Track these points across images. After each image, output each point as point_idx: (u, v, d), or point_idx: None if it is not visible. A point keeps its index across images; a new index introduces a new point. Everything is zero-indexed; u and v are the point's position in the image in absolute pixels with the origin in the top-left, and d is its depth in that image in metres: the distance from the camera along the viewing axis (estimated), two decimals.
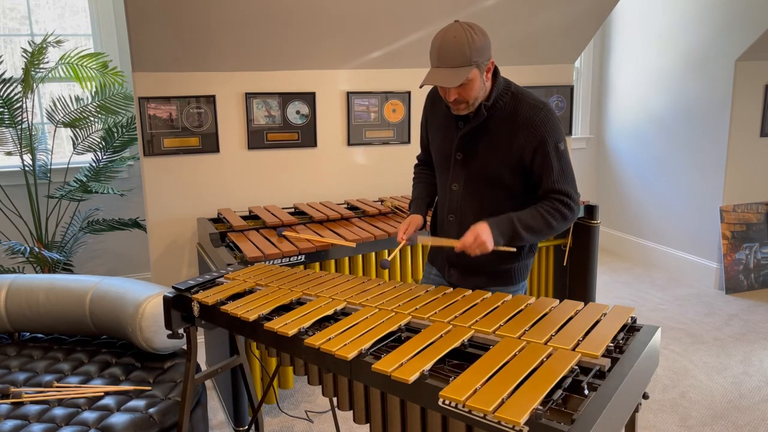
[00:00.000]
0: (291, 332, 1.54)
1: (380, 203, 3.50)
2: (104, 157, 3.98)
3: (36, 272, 3.94)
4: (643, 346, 1.40)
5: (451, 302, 1.67)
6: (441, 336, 1.45)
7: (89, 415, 2.05)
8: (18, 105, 3.68)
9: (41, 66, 3.68)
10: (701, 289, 4.41)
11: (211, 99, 3.36)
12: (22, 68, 3.63)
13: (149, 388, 2.24)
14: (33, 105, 3.86)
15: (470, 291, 1.75)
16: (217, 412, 2.89)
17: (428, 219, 2.11)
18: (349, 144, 3.72)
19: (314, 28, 3.28)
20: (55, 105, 3.83)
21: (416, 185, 2.16)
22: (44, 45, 3.63)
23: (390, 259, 2.17)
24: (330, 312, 1.67)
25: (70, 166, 4.09)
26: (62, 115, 3.85)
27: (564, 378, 1.23)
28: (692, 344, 3.56)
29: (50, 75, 3.87)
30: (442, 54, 1.69)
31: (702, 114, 4.39)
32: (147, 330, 2.35)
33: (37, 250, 3.61)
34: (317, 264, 2.78)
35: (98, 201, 4.25)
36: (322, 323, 1.63)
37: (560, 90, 4.20)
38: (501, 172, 1.83)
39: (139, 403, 2.13)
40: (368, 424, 1.44)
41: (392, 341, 1.50)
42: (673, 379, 3.16)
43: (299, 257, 2.67)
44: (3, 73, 3.63)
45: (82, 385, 2.24)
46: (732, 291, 4.32)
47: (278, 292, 1.84)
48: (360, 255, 2.92)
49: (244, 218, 3.20)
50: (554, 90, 4.18)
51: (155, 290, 2.45)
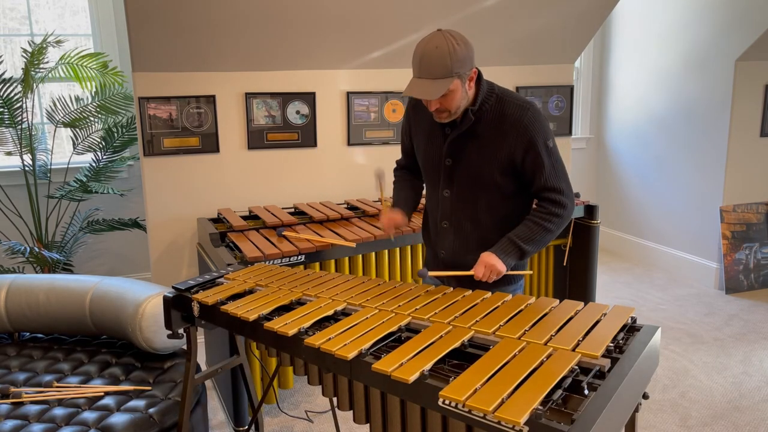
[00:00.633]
0: (291, 332, 1.54)
1: (380, 203, 3.50)
2: (104, 157, 3.98)
3: (36, 272, 3.94)
4: (643, 346, 1.40)
5: (451, 302, 1.67)
6: (441, 336, 1.45)
7: (89, 415, 2.05)
8: (18, 105, 3.68)
9: (41, 66, 3.68)
10: (701, 289, 4.41)
11: (211, 99, 3.36)
12: (22, 68, 3.63)
13: (149, 388, 2.24)
14: (33, 105, 3.86)
15: (470, 291, 1.75)
16: (217, 412, 2.89)
17: (412, 221, 2.11)
18: (349, 144, 3.72)
19: (314, 28, 3.28)
20: (55, 105, 3.83)
21: (398, 192, 2.12)
22: (44, 45, 3.63)
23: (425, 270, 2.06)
24: (330, 312, 1.67)
25: (70, 166, 4.09)
26: (62, 115, 3.85)
27: (564, 378, 1.23)
28: (692, 344, 3.56)
29: (50, 75, 3.87)
30: (424, 65, 1.68)
31: (702, 114, 4.39)
32: (147, 330, 2.35)
33: (37, 250, 3.61)
34: (317, 264, 2.78)
35: (98, 201, 4.25)
36: (322, 323, 1.63)
37: (560, 90, 4.20)
38: (492, 175, 1.83)
39: (139, 403, 2.13)
40: (368, 424, 1.44)
41: (392, 341, 1.50)
42: (673, 379, 3.16)
43: (299, 257, 2.67)
44: (3, 73, 3.63)
45: (82, 385, 2.25)
46: (732, 291, 4.32)
47: (278, 293, 1.84)
48: (360, 255, 2.92)
49: (244, 218, 3.20)
50: (554, 90, 4.18)
51: (155, 290, 2.45)
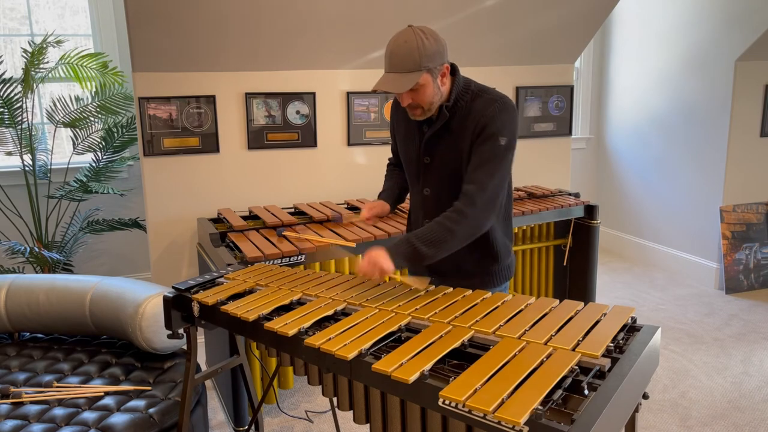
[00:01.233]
0: (291, 332, 1.54)
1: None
2: (104, 157, 3.99)
3: (36, 272, 3.94)
4: (643, 346, 1.39)
5: (451, 302, 1.67)
6: (441, 336, 1.45)
7: (89, 415, 2.05)
8: (18, 105, 3.68)
9: (41, 66, 3.68)
10: (701, 289, 4.41)
11: (211, 99, 3.36)
12: (22, 68, 3.63)
13: (149, 388, 2.24)
14: (33, 105, 3.86)
15: (470, 291, 1.75)
16: (217, 412, 2.89)
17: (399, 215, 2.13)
18: (349, 144, 3.72)
19: (314, 28, 3.28)
20: (55, 105, 3.83)
21: (388, 180, 2.19)
22: (44, 45, 3.63)
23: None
24: (330, 312, 1.67)
25: (70, 166, 4.09)
26: (62, 115, 3.85)
27: (564, 378, 1.23)
28: (692, 344, 3.56)
29: (50, 75, 3.87)
30: (393, 59, 1.69)
31: (702, 114, 4.39)
32: (147, 330, 2.35)
33: (37, 250, 3.61)
34: (317, 264, 2.78)
35: (98, 201, 4.25)
36: (322, 323, 1.63)
37: (560, 90, 4.20)
38: (465, 171, 1.80)
39: (139, 403, 2.13)
40: (368, 424, 1.44)
41: (392, 341, 1.50)
42: (673, 379, 3.16)
43: (299, 257, 2.67)
44: (3, 73, 3.63)
45: (82, 385, 2.25)
46: (732, 291, 4.32)
47: (278, 293, 1.84)
48: (360, 255, 2.92)
49: (244, 218, 3.20)
50: (554, 90, 4.18)
51: (155, 290, 2.45)
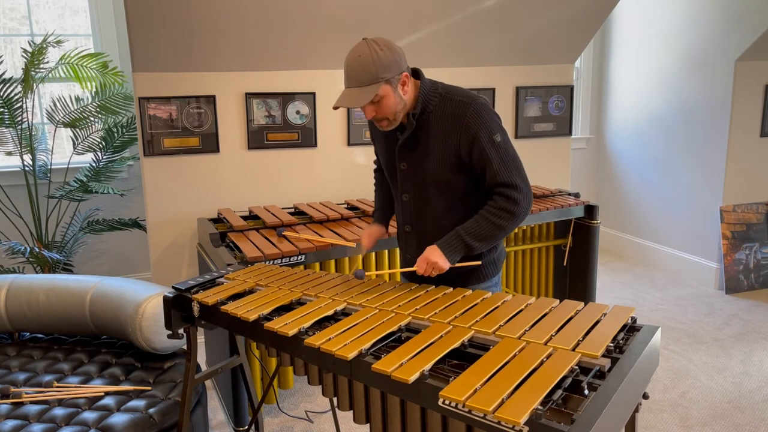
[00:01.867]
0: (291, 332, 1.54)
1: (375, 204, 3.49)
2: (104, 157, 3.99)
3: (36, 272, 3.94)
4: (643, 346, 1.40)
5: (451, 302, 1.67)
6: (441, 336, 1.45)
7: (89, 415, 2.05)
8: (18, 105, 3.68)
9: (41, 66, 3.68)
10: (701, 289, 4.41)
11: (211, 99, 3.36)
12: (22, 68, 3.63)
13: (149, 388, 2.24)
14: (33, 105, 3.86)
15: (470, 291, 1.75)
16: (217, 412, 2.89)
17: (393, 228, 2.13)
18: (349, 144, 3.72)
19: (314, 28, 3.28)
20: (55, 105, 3.83)
21: (378, 194, 2.18)
22: (44, 45, 3.63)
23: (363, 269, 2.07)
24: (330, 312, 1.67)
25: (70, 166, 4.09)
26: (62, 115, 3.85)
27: (564, 378, 1.23)
28: (692, 344, 3.56)
29: (50, 75, 3.87)
30: (349, 74, 1.69)
31: (702, 114, 4.39)
32: (147, 330, 2.35)
33: (37, 250, 3.61)
34: (317, 264, 2.78)
35: (98, 201, 4.25)
36: (322, 323, 1.63)
37: (560, 90, 4.20)
38: (445, 175, 1.81)
39: (139, 403, 2.13)
40: (368, 424, 1.44)
41: (392, 341, 1.50)
42: (673, 379, 3.16)
43: (299, 257, 2.67)
44: (3, 73, 3.63)
45: (82, 385, 2.25)
46: (732, 291, 4.32)
47: (278, 293, 1.84)
48: (360, 255, 2.92)
49: (244, 218, 3.20)
50: (554, 90, 4.18)
51: (155, 290, 2.45)
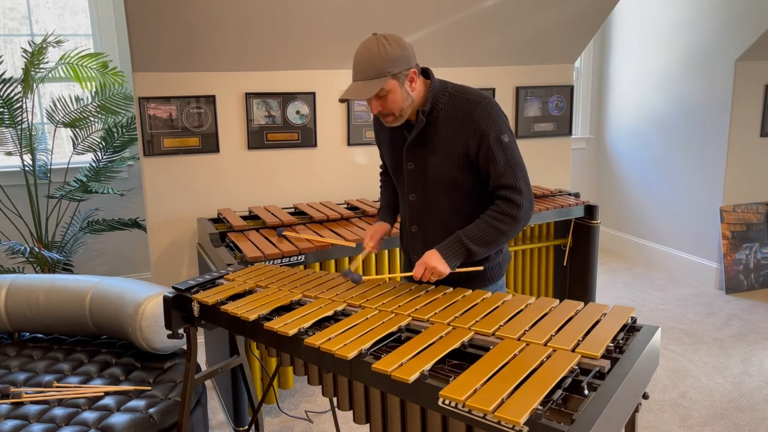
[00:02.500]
0: (291, 332, 1.54)
1: (380, 203, 3.49)
2: (104, 157, 3.99)
3: (36, 272, 3.94)
4: (643, 346, 1.40)
5: (451, 303, 1.67)
6: (441, 337, 1.45)
7: (89, 415, 2.05)
8: (18, 105, 3.68)
9: (41, 66, 3.68)
10: (701, 289, 4.41)
11: (211, 99, 3.36)
12: (22, 68, 3.63)
13: (149, 388, 2.24)
14: (33, 105, 3.86)
15: (470, 291, 1.75)
16: (217, 412, 2.89)
17: (396, 228, 2.11)
18: (349, 144, 3.72)
19: (314, 28, 3.28)
20: (55, 105, 3.83)
21: (383, 193, 2.17)
22: (44, 45, 3.63)
23: (355, 270, 1.99)
24: (330, 312, 1.67)
25: (70, 166, 4.09)
26: (62, 115, 3.85)
27: (564, 378, 1.23)
28: (692, 344, 3.56)
29: (50, 75, 3.87)
30: (357, 67, 1.70)
31: (702, 114, 4.39)
32: (147, 330, 2.35)
33: (37, 250, 3.61)
34: (317, 264, 2.78)
35: (98, 201, 4.25)
36: (322, 323, 1.63)
37: (560, 90, 4.20)
38: (453, 174, 1.80)
39: (139, 403, 2.13)
40: (368, 424, 1.44)
41: (392, 342, 1.50)
42: (673, 379, 3.16)
43: (299, 257, 2.67)
44: (3, 73, 3.63)
45: (82, 385, 2.25)
46: (732, 291, 4.32)
47: (278, 293, 1.84)
48: (360, 255, 2.91)
49: (244, 218, 3.20)
50: (554, 90, 4.18)
51: (155, 290, 2.45)
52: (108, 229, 4.00)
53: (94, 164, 3.96)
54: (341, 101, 1.73)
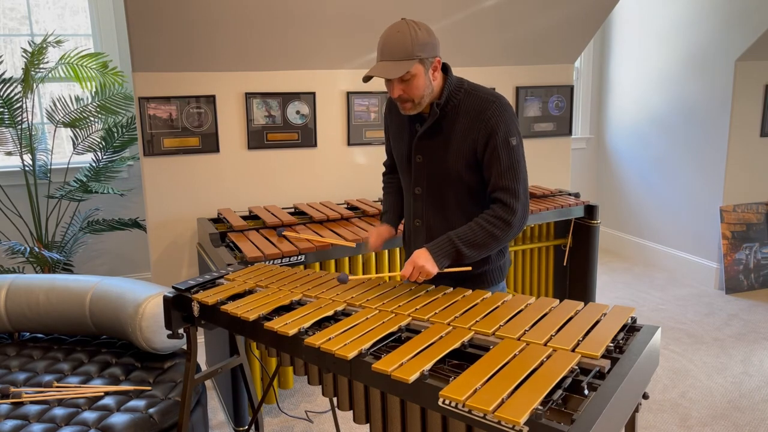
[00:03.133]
0: (291, 332, 1.54)
1: (380, 203, 3.50)
2: (104, 157, 3.99)
3: (36, 272, 3.94)
4: (643, 346, 1.40)
5: (451, 303, 1.67)
6: (441, 337, 1.45)
7: (89, 415, 2.05)
8: (18, 105, 3.68)
9: (41, 66, 3.68)
10: (701, 289, 4.41)
11: (211, 99, 3.36)
12: (22, 68, 3.63)
13: (149, 388, 2.24)
14: (33, 105, 3.86)
15: (470, 291, 1.75)
16: (217, 412, 2.89)
17: (400, 229, 2.11)
18: (349, 144, 3.72)
19: (314, 28, 3.28)
20: (55, 105, 3.83)
21: (386, 196, 2.14)
22: (44, 45, 3.63)
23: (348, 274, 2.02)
24: (330, 312, 1.67)
25: (70, 166, 4.09)
26: (62, 115, 3.85)
27: (564, 378, 1.23)
28: (692, 344, 3.56)
29: (50, 75, 3.87)
30: (386, 48, 1.70)
31: (702, 114, 4.39)
32: (147, 330, 2.35)
33: (37, 250, 3.61)
34: (317, 264, 2.78)
35: (98, 201, 4.25)
36: (322, 323, 1.63)
37: (560, 90, 4.20)
38: (460, 170, 1.81)
39: (139, 403, 2.13)
40: (368, 424, 1.44)
41: (392, 341, 1.50)
42: (673, 379, 3.16)
43: (299, 257, 2.67)
44: (3, 73, 3.63)
45: (82, 385, 2.25)
46: (732, 291, 4.32)
47: (278, 293, 1.84)
48: (360, 255, 2.92)
49: (244, 218, 3.20)
50: (554, 90, 4.18)
51: (155, 290, 2.45)
52: (108, 229, 4.00)
53: (94, 164, 3.96)
54: (365, 79, 1.73)
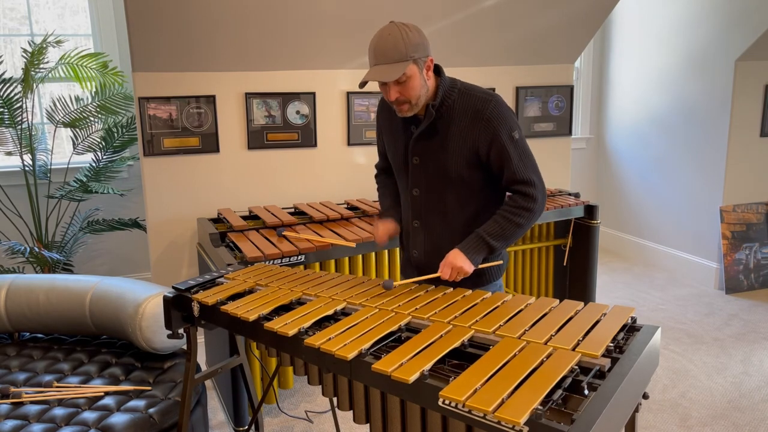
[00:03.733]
0: (291, 332, 1.54)
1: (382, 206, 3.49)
2: (104, 157, 3.99)
3: (36, 272, 3.94)
4: (643, 346, 1.40)
5: (451, 302, 1.67)
6: (441, 336, 1.45)
7: (89, 415, 2.05)
8: (18, 105, 3.68)
9: (41, 66, 3.68)
10: (701, 289, 4.41)
11: (211, 99, 3.36)
12: (22, 68, 3.63)
13: (149, 388, 2.24)
14: (33, 105, 3.86)
15: (470, 291, 1.75)
16: (217, 412, 2.89)
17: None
18: (349, 144, 3.72)
19: (314, 28, 3.28)
20: (55, 105, 3.83)
21: (384, 197, 2.13)
22: (44, 45, 3.63)
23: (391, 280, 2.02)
24: (330, 312, 1.67)
25: (70, 166, 4.09)
26: (62, 115, 3.85)
27: (564, 378, 1.23)
28: (692, 344, 3.56)
29: (50, 75, 3.87)
30: (379, 51, 1.71)
31: (702, 114, 4.39)
32: (147, 330, 2.35)
33: (37, 250, 3.61)
34: (317, 264, 2.78)
35: (98, 201, 4.25)
36: (322, 323, 1.63)
37: (560, 90, 4.20)
38: (460, 170, 1.82)
39: (139, 403, 2.13)
40: (368, 424, 1.44)
41: (392, 341, 1.50)
42: (673, 379, 3.16)
43: (299, 257, 2.67)
44: (3, 73, 3.63)
45: (82, 385, 2.25)
46: (732, 291, 4.32)
47: (278, 293, 1.84)
48: (360, 255, 2.92)
49: (244, 218, 3.20)
50: (554, 90, 4.18)
51: (155, 290, 2.45)
52: (108, 229, 4.00)
53: (94, 164, 3.96)
54: (361, 85, 1.74)
